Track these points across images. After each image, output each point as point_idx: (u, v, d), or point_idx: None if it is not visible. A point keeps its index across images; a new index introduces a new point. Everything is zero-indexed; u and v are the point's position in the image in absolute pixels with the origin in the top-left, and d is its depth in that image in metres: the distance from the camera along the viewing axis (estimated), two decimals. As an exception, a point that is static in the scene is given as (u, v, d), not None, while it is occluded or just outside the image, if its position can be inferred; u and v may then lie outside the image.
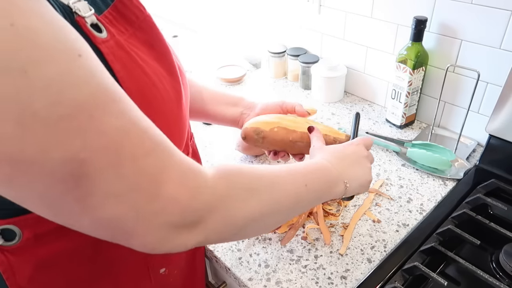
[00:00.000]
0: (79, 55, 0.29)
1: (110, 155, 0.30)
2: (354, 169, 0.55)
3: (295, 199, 0.46)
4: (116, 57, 0.36)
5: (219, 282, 0.77)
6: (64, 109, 0.27)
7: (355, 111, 1.04)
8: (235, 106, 0.72)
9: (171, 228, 0.35)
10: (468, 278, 0.62)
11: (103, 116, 0.29)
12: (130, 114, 0.32)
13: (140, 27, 0.41)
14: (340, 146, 0.58)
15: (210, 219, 0.37)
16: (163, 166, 0.33)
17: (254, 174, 0.43)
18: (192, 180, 0.36)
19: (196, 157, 0.63)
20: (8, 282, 0.42)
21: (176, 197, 0.34)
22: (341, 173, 0.53)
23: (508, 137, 0.75)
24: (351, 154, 0.57)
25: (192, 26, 1.56)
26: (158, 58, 0.42)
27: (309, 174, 0.49)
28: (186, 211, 0.35)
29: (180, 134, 0.46)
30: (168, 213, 0.34)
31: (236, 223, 0.40)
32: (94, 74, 0.30)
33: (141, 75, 0.39)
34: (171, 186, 0.34)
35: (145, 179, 0.32)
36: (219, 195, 0.38)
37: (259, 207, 0.42)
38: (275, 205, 0.43)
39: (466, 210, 0.68)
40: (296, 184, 0.46)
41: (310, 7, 1.09)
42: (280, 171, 0.46)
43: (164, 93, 0.41)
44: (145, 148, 0.32)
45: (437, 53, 0.88)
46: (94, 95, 0.29)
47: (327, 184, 0.51)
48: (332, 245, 0.67)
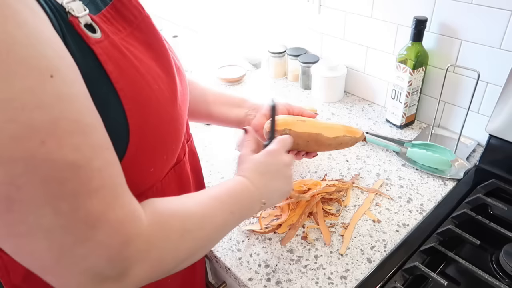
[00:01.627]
0: (51, 76, 0.28)
1: (51, 188, 0.29)
2: (274, 183, 0.55)
3: (223, 227, 0.47)
4: (109, 57, 0.36)
5: (219, 282, 0.77)
6: (17, 128, 0.26)
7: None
8: (239, 107, 0.71)
9: (93, 276, 0.33)
10: (468, 278, 0.62)
11: (56, 146, 0.28)
12: (88, 150, 0.31)
13: (138, 26, 0.41)
14: (262, 156, 0.57)
15: (139, 268, 0.36)
16: (103, 210, 0.32)
17: (186, 214, 0.42)
18: (128, 228, 0.34)
19: (194, 158, 0.63)
20: (3, 280, 0.42)
21: (107, 245, 0.32)
22: (261, 192, 0.53)
23: (508, 137, 0.75)
24: (272, 166, 0.56)
25: (192, 26, 1.56)
26: (155, 58, 0.42)
27: (235, 200, 0.49)
28: (114, 260, 0.33)
29: (176, 134, 0.46)
30: (94, 261, 0.32)
31: (166, 267, 0.39)
32: (61, 99, 0.29)
33: (135, 75, 0.38)
34: (105, 233, 0.32)
35: (79, 220, 0.31)
36: (152, 245, 0.37)
37: (189, 248, 0.42)
38: (205, 241, 0.44)
39: (466, 210, 0.68)
40: (224, 214, 0.46)
41: (310, 7, 1.09)
42: (209, 202, 0.46)
43: (158, 93, 0.41)
44: (90, 188, 0.31)
45: (437, 53, 0.88)
46: (52, 122, 0.28)
47: (250, 206, 0.51)
48: (332, 245, 0.67)
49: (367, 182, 0.80)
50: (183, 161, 0.54)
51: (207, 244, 0.45)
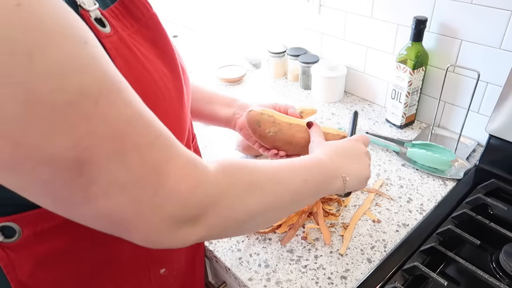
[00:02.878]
0: (85, 42, 0.29)
1: (114, 144, 0.30)
2: (353, 165, 0.56)
3: (295, 194, 0.46)
4: (118, 52, 0.36)
5: (219, 282, 0.77)
6: (69, 94, 0.27)
7: (355, 111, 1.04)
8: (229, 107, 0.72)
9: (172, 222, 0.34)
10: (468, 278, 0.62)
11: (108, 104, 0.29)
12: (135, 105, 0.32)
13: (145, 24, 0.41)
14: (339, 141, 0.59)
15: (211, 213, 0.37)
16: (166, 158, 0.33)
17: (256, 169, 0.43)
18: (193, 173, 0.35)
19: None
20: (9, 277, 0.42)
21: (178, 191, 0.34)
22: (340, 168, 0.53)
23: (508, 137, 0.75)
24: (350, 150, 0.57)
25: (192, 26, 1.56)
26: (161, 56, 0.42)
27: (309, 169, 0.49)
28: (187, 205, 0.35)
29: (181, 132, 0.46)
30: (169, 207, 0.34)
31: (238, 218, 0.40)
32: (100, 62, 0.30)
33: (142, 71, 0.39)
34: (173, 179, 0.33)
35: (148, 170, 0.32)
36: (220, 190, 0.38)
37: (260, 202, 0.42)
38: (276, 200, 0.44)
39: (466, 210, 0.68)
40: (297, 179, 0.47)
41: (310, 7, 1.09)
42: (281, 166, 0.46)
43: (165, 90, 0.41)
44: (149, 139, 0.32)
45: (437, 53, 0.88)
46: (99, 83, 0.29)
47: (326, 179, 0.51)
48: (332, 245, 0.67)
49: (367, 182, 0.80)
50: None
51: (280, 205, 0.45)
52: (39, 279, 0.43)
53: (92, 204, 0.31)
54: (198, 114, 0.72)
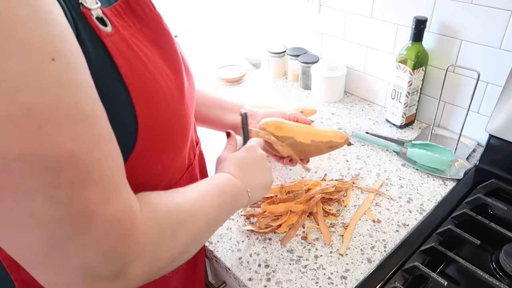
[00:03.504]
0: (52, 59, 0.27)
1: (47, 175, 0.28)
2: (256, 176, 0.57)
3: (213, 221, 0.47)
4: (120, 51, 0.36)
5: (219, 282, 0.77)
6: (12, 109, 0.26)
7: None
8: (236, 112, 0.72)
9: (87, 275, 0.31)
10: (468, 278, 0.62)
11: (53, 132, 0.27)
12: (88, 139, 0.30)
13: (148, 24, 0.41)
14: (241, 154, 0.59)
15: (134, 266, 0.34)
16: (100, 203, 0.31)
17: (178, 208, 0.42)
18: (125, 222, 0.33)
19: (202, 161, 0.63)
20: (13, 276, 0.42)
21: (104, 238, 0.31)
22: (245, 184, 0.54)
23: (508, 137, 0.75)
24: (251, 160, 0.58)
25: (192, 27, 1.56)
26: (164, 56, 0.42)
27: (221, 193, 0.50)
28: (110, 256, 0.32)
29: (183, 133, 0.46)
30: (89, 255, 0.31)
31: (162, 265, 0.39)
32: (62, 84, 0.28)
33: (144, 71, 0.38)
34: (102, 226, 0.31)
35: (76, 212, 0.29)
36: (148, 239, 0.36)
37: (183, 242, 0.41)
38: (197, 235, 0.44)
39: (466, 210, 0.68)
40: (213, 207, 0.47)
41: (310, 7, 1.09)
42: (198, 196, 0.46)
43: (166, 90, 0.41)
44: (89, 180, 0.30)
45: (437, 53, 0.88)
46: (51, 107, 0.27)
47: (236, 198, 0.52)
48: (332, 245, 0.67)
49: (367, 182, 0.80)
50: (194, 164, 0.55)
51: (200, 238, 0.45)
52: None
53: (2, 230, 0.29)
54: (205, 119, 0.72)
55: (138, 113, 0.37)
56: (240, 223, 0.73)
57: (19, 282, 0.42)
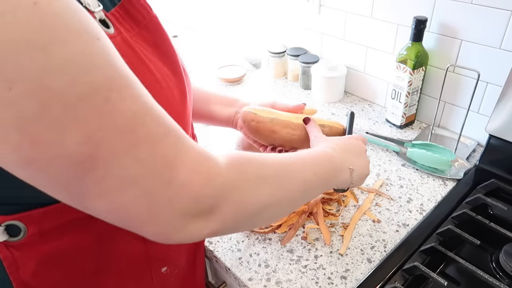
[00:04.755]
0: (97, 39, 0.29)
1: (126, 138, 0.30)
2: (357, 160, 0.57)
3: (304, 186, 0.47)
4: (122, 53, 0.36)
5: (219, 282, 0.77)
6: (81, 89, 0.28)
7: (355, 111, 1.04)
8: (230, 106, 0.73)
9: (185, 216, 0.35)
10: (468, 278, 0.62)
11: (118, 99, 0.30)
12: (145, 100, 0.32)
13: (146, 26, 0.41)
14: (342, 138, 0.60)
15: (223, 206, 0.37)
16: (176, 152, 0.34)
17: (264, 162, 0.43)
18: (204, 166, 0.36)
19: None
20: (12, 277, 0.42)
21: (190, 184, 0.34)
22: (345, 162, 0.55)
23: (508, 137, 0.75)
24: (353, 146, 0.59)
25: (192, 26, 1.56)
26: (163, 58, 0.43)
27: (317, 162, 0.50)
28: (199, 198, 0.35)
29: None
30: (181, 200, 0.34)
31: (250, 209, 0.40)
32: (111, 58, 0.30)
33: (146, 72, 0.39)
34: (185, 172, 0.34)
35: (160, 164, 0.32)
36: (231, 182, 0.38)
37: (270, 194, 0.42)
38: (286, 192, 0.45)
39: (466, 210, 0.68)
40: (305, 172, 0.47)
41: (310, 7, 1.09)
42: (289, 159, 0.47)
43: (168, 91, 0.41)
44: (160, 133, 0.33)
45: (437, 53, 0.88)
46: (110, 78, 0.29)
47: (333, 172, 0.53)
48: (332, 245, 0.67)
49: (367, 182, 0.80)
50: None
51: (290, 198, 0.46)
52: (41, 279, 0.43)
53: (106, 199, 0.32)
54: (199, 114, 0.72)
55: None
56: (240, 223, 0.73)
57: (18, 283, 0.43)
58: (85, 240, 0.43)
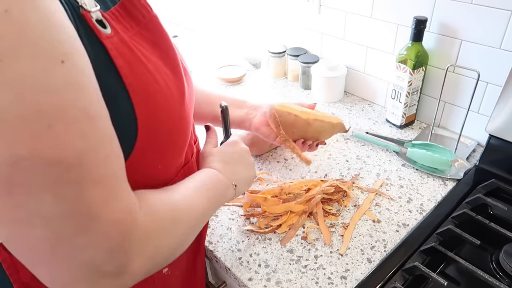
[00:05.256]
0: (62, 61, 0.28)
1: (55, 173, 0.28)
2: (239, 169, 0.58)
3: (204, 215, 0.49)
4: (119, 53, 0.36)
5: (219, 282, 0.77)
6: (24, 109, 0.26)
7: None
8: (240, 108, 0.74)
9: (91, 271, 0.32)
10: (468, 278, 0.62)
11: (62, 131, 0.28)
12: (94, 138, 0.31)
13: (146, 26, 0.41)
14: (224, 148, 0.60)
15: (137, 262, 0.36)
16: (104, 201, 0.32)
17: (173, 204, 0.43)
18: (128, 219, 0.34)
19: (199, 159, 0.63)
20: (12, 278, 0.42)
21: (108, 235, 0.32)
22: (230, 178, 0.55)
23: (508, 137, 0.75)
24: (234, 154, 0.59)
25: (192, 26, 1.56)
26: (163, 57, 0.43)
27: (211, 189, 0.51)
28: (114, 252, 0.33)
29: (183, 132, 0.46)
30: (94, 251, 0.32)
31: (162, 258, 0.41)
32: (71, 86, 0.29)
33: (144, 72, 0.39)
34: (107, 222, 0.32)
35: (81, 209, 0.30)
36: (149, 234, 0.37)
37: (180, 236, 0.43)
38: (192, 228, 0.46)
39: (466, 210, 0.68)
40: (203, 202, 0.48)
41: (310, 7, 1.09)
42: (189, 192, 0.47)
43: (167, 91, 0.41)
44: (94, 178, 0.31)
45: (437, 53, 0.88)
46: (61, 107, 0.28)
47: (222, 193, 0.54)
48: (332, 245, 0.67)
49: (367, 182, 0.80)
50: (191, 162, 0.55)
51: (193, 231, 0.47)
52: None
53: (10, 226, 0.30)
54: (206, 116, 0.73)
55: (137, 113, 0.38)
56: (240, 223, 0.73)
57: (18, 285, 0.42)
58: None
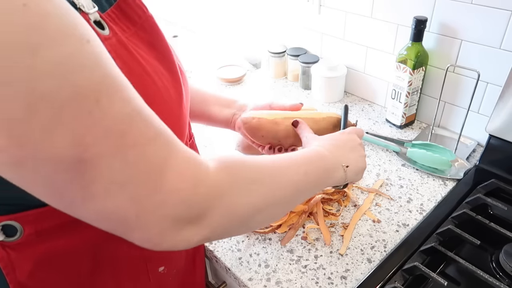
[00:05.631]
0: (87, 41, 0.29)
1: (114, 141, 0.30)
2: (351, 156, 0.56)
3: (296, 188, 0.46)
4: (117, 54, 0.36)
5: (219, 282, 0.77)
6: (69, 93, 0.27)
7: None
8: (228, 108, 0.73)
9: (173, 222, 0.34)
10: (468, 278, 0.62)
11: (108, 102, 0.29)
12: (135, 103, 0.32)
13: (142, 26, 0.41)
14: (334, 134, 0.59)
15: (214, 212, 0.37)
16: (165, 156, 0.33)
17: (255, 165, 0.43)
18: (194, 172, 0.35)
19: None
20: (8, 277, 0.42)
21: (179, 189, 0.34)
22: (338, 159, 0.54)
23: (508, 137, 0.75)
24: (346, 142, 0.58)
25: (192, 27, 1.56)
26: (159, 57, 0.43)
27: (308, 162, 0.50)
28: (188, 204, 0.35)
29: (180, 133, 0.46)
30: (171, 206, 0.34)
31: (241, 214, 0.40)
32: (101, 60, 0.30)
33: (142, 73, 0.39)
34: (173, 177, 0.33)
35: (148, 168, 0.32)
36: (221, 187, 0.37)
37: (262, 198, 0.42)
38: (277, 195, 0.44)
39: (466, 210, 0.68)
40: (297, 173, 0.47)
41: (310, 7, 1.09)
42: (280, 160, 0.46)
43: (164, 92, 0.41)
44: (149, 136, 0.32)
45: (437, 53, 0.88)
46: (100, 81, 0.29)
47: (326, 171, 0.52)
48: (332, 245, 0.67)
49: (367, 182, 0.80)
50: None
51: (282, 200, 0.45)
52: (38, 280, 0.43)
53: (94, 203, 0.31)
54: (198, 115, 0.72)
55: None
56: (240, 223, 0.73)
57: (14, 285, 0.42)
58: (82, 241, 0.43)
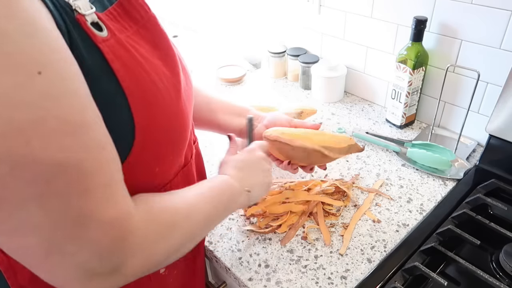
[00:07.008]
0: (39, 72, 0.27)
1: (38, 186, 0.29)
2: (254, 176, 0.58)
3: (208, 222, 0.48)
4: (116, 56, 0.36)
5: (219, 282, 0.77)
6: (1, 125, 0.26)
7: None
8: (240, 117, 0.72)
9: (84, 272, 0.33)
10: (468, 278, 0.62)
11: (42, 145, 0.28)
12: (79, 150, 0.30)
13: (144, 25, 0.41)
14: (239, 155, 0.60)
15: (131, 263, 0.36)
16: (94, 209, 0.32)
17: (174, 209, 0.43)
18: (121, 225, 0.34)
19: (199, 159, 0.63)
20: (10, 281, 0.42)
21: (98, 242, 0.33)
22: (242, 184, 0.55)
23: (508, 137, 0.75)
24: (249, 162, 0.59)
25: (192, 26, 1.56)
26: (161, 56, 0.42)
27: (217, 193, 0.51)
28: (105, 257, 0.33)
29: (181, 133, 0.46)
30: (85, 257, 0.32)
31: (158, 259, 0.40)
32: (49, 97, 0.28)
33: (141, 73, 0.38)
34: (96, 230, 0.32)
35: (69, 218, 0.31)
36: (144, 238, 0.37)
37: (179, 240, 0.43)
38: (192, 234, 0.45)
39: (466, 210, 0.68)
40: (208, 208, 0.48)
41: (310, 7, 1.09)
42: (193, 198, 0.47)
43: (164, 91, 0.41)
44: (81, 188, 0.31)
45: (437, 53, 0.88)
46: (38, 121, 0.27)
47: (232, 198, 0.53)
48: (332, 245, 0.67)
49: (367, 182, 0.80)
50: (190, 163, 0.55)
51: (195, 237, 0.47)
52: (39, 284, 0.43)
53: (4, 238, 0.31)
54: (206, 123, 0.72)
55: (135, 115, 0.37)
56: (240, 223, 0.73)
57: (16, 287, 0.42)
58: None
